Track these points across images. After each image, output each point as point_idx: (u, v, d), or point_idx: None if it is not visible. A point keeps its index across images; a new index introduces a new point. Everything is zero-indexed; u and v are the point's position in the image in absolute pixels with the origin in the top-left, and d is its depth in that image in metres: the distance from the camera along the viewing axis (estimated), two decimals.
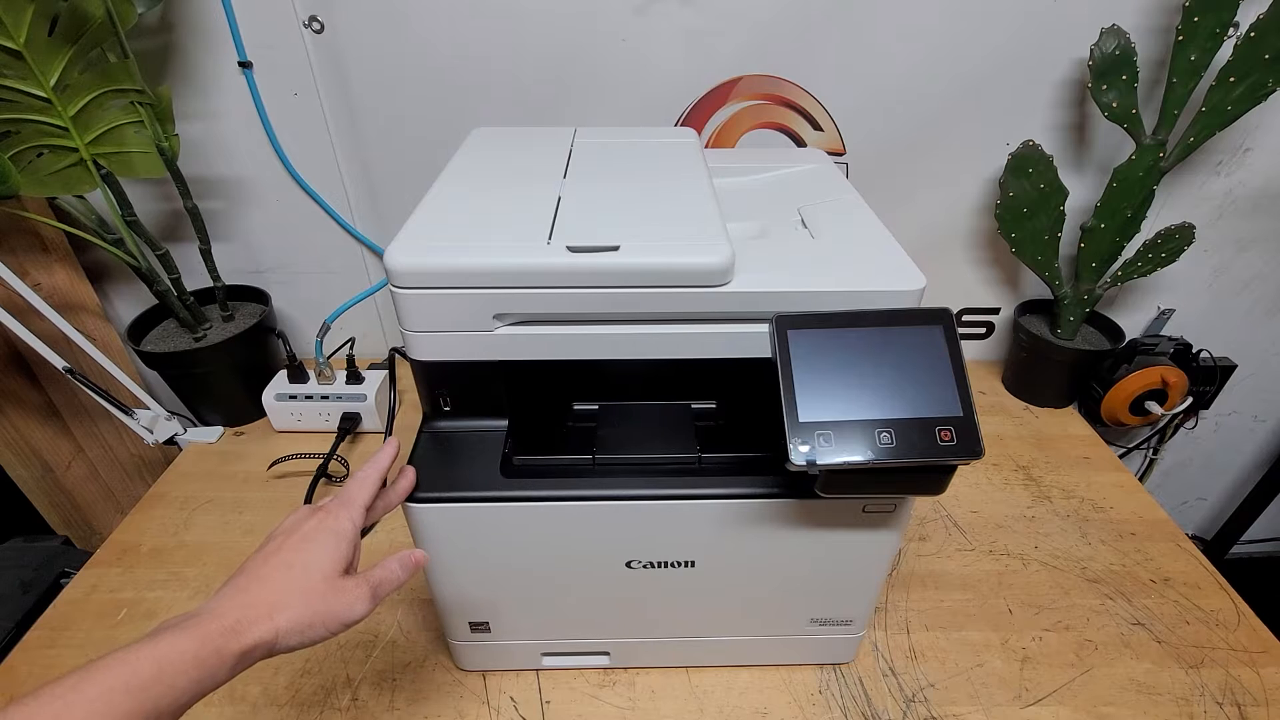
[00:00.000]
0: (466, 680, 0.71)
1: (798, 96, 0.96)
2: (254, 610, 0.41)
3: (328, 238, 1.07)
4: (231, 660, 0.39)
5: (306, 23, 0.88)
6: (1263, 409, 1.27)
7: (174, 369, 0.99)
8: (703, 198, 0.59)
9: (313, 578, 0.43)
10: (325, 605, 0.43)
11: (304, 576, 0.43)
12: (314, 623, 0.42)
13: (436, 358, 0.55)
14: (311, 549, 0.45)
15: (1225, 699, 0.70)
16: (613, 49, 0.91)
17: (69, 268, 1.01)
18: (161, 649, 0.37)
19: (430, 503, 0.56)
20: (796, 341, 0.49)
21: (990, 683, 0.71)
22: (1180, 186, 1.02)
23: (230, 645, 0.39)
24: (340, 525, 0.46)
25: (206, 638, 0.38)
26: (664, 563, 0.61)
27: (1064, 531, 0.89)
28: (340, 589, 0.44)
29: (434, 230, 0.54)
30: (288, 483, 0.95)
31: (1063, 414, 1.10)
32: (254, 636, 0.40)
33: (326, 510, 0.47)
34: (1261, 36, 0.80)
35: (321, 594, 0.43)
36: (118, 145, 0.86)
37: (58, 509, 1.09)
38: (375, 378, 1.04)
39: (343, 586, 0.44)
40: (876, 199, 0.67)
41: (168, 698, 0.36)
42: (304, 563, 0.44)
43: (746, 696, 0.70)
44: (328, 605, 0.43)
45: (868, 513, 0.57)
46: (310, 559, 0.44)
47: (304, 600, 0.42)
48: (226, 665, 0.39)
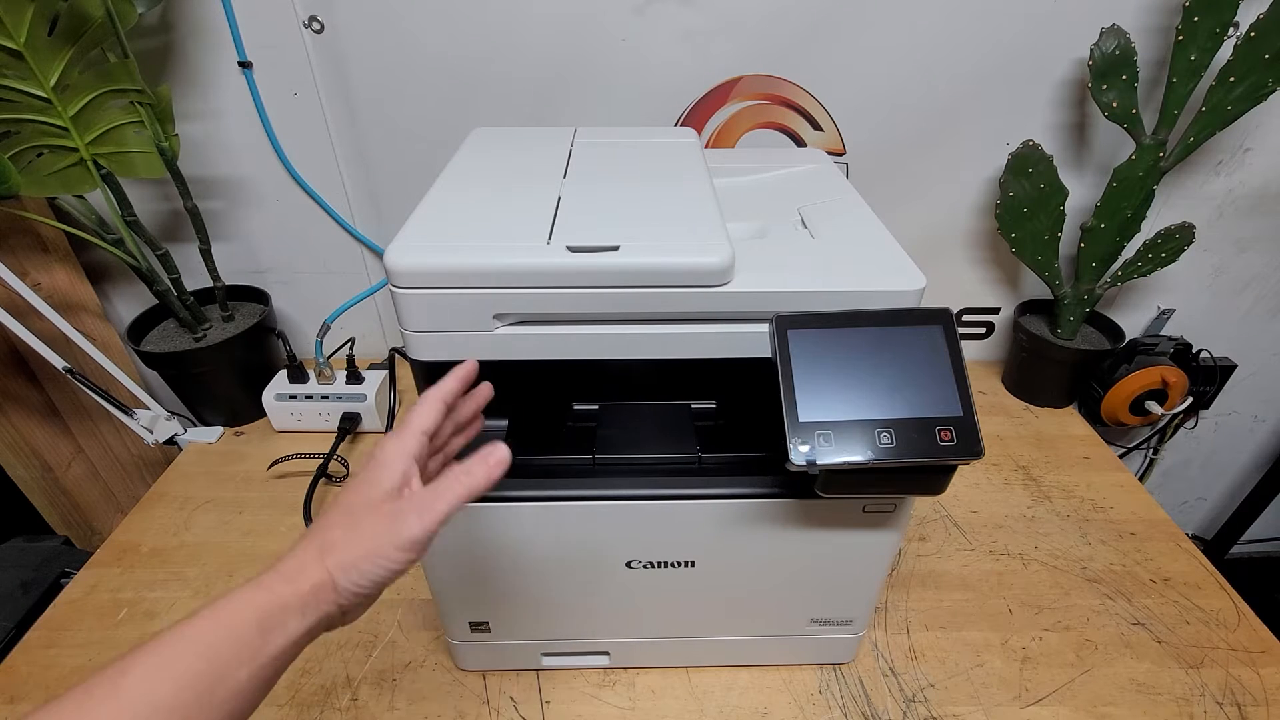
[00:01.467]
0: (466, 680, 0.71)
1: (798, 96, 0.96)
2: (306, 554, 0.39)
3: (328, 238, 1.07)
4: (297, 605, 0.37)
5: (306, 23, 0.88)
6: (1263, 409, 1.27)
7: (174, 369, 0.99)
8: (703, 198, 0.59)
9: (356, 511, 0.40)
10: (372, 534, 0.39)
11: (349, 513, 0.40)
12: (366, 554, 0.39)
13: (436, 358, 0.55)
14: (357, 485, 0.42)
15: (1225, 699, 0.70)
16: (613, 49, 0.91)
17: (69, 268, 1.01)
18: (223, 607, 0.37)
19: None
20: (796, 341, 0.49)
21: (990, 683, 0.71)
22: (1180, 186, 1.02)
23: (287, 590, 0.37)
24: (385, 454, 0.42)
25: (265, 587, 0.37)
26: (664, 563, 0.61)
27: (1064, 531, 0.89)
28: (384, 512, 0.40)
29: (434, 230, 0.54)
30: (288, 483, 0.95)
31: (1063, 414, 1.10)
32: (310, 579, 0.38)
33: (380, 440, 0.44)
34: (1261, 36, 0.80)
35: (365, 523, 0.40)
36: (118, 145, 0.86)
37: (58, 509, 1.09)
38: (375, 378, 1.04)
39: (387, 509, 0.40)
40: (876, 199, 0.67)
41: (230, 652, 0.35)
42: (348, 500, 0.41)
43: (746, 696, 0.70)
44: (375, 533, 0.39)
45: (868, 513, 0.57)
46: (356, 495, 0.41)
47: (350, 532, 0.39)
48: (293, 611, 0.37)
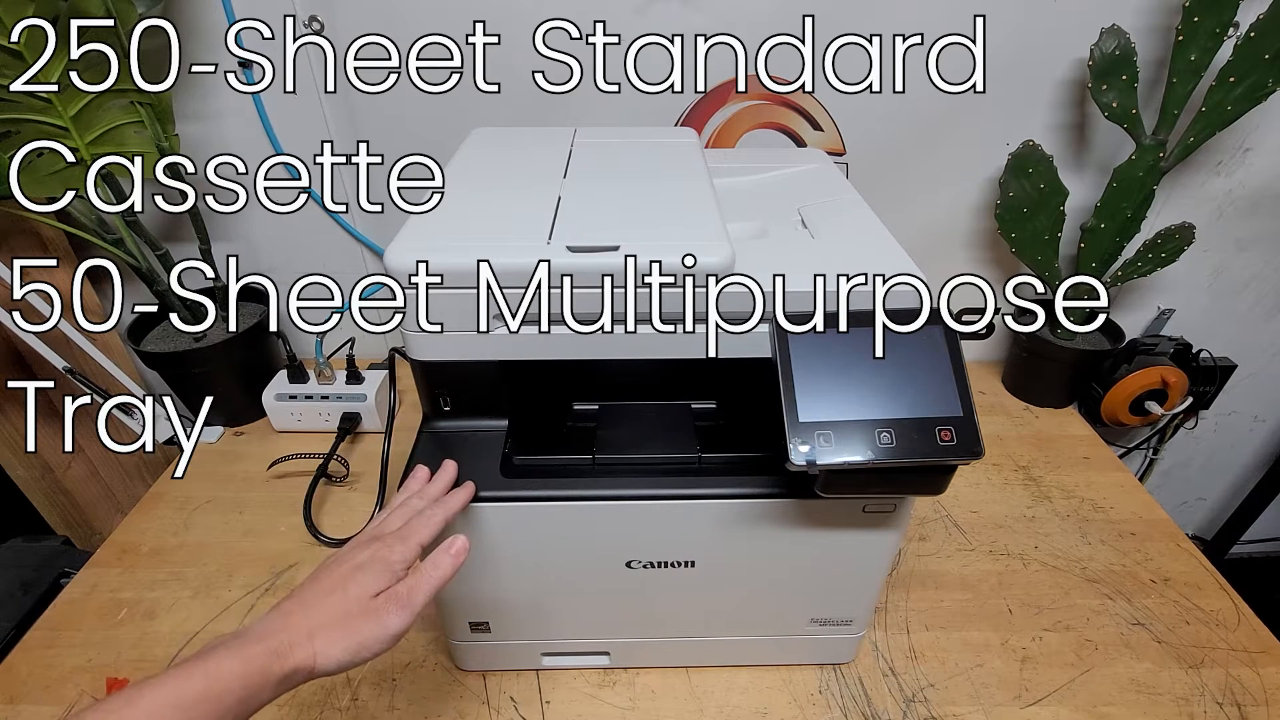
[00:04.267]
0: (466, 680, 0.71)
1: (797, 96, 0.96)
2: (295, 633, 0.43)
3: (328, 238, 1.07)
4: (275, 681, 0.41)
5: (306, 22, 0.88)
6: (1263, 409, 1.27)
7: (174, 369, 0.99)
8: (703, 197, 0.59)
9: (349, 602, 0.45)
10: (361, 626, 0.44)
11: (343, 601, 0.45)
12: (351, 645, 0.44)
13: (436, 358, 0.55)
14: (358, 576, 0.46)
15: (1225, 699, 0.70)
16: (613, 49, 0.91)
17: (69, 268, 1.01)
18: (210, 667, 0.39)
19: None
20: (796, 341, 0.49)
21: (990, 683, 0.71)
22: (1180, 186, 1.02)
23: (273, 667, 0.41)
24: (391, 557, 0.47)
25: (252, 659, 0.40)
26: (664, 563, 0.61)
27: (1064, 531, 0.89)
28: (372, 608, 0.45)
29: (434, 230, 0.54)
30: (287, 483, 0.95)
31: (1063, 414, 1.10)
32: (295, 660, 0.42)
33: (383, 542, 0.48)
34: (1261, 36, 0.80)
35: (355, 616, 0.44)
36: (118, 145, 0.86)
37: (58, 509, 1.09)
38: (375, 378, 1.04)
39: (375, 606, 0.45)
40: (876, 199, 0.67)
41: (213, 715, 0.38)
42: (344, 589, 0.45)
43: (746, 696, 0.70)
44: (362, 626, 0.44)
45: (868, 513, 0.57)
46: (352, 586, 0.45)
47: (340, 623, 0.44)
48: (270, 686, 0.41)
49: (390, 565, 0.47)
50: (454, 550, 0.49)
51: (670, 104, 0.97)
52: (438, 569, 0.48)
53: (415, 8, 0.88)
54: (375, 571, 0.46)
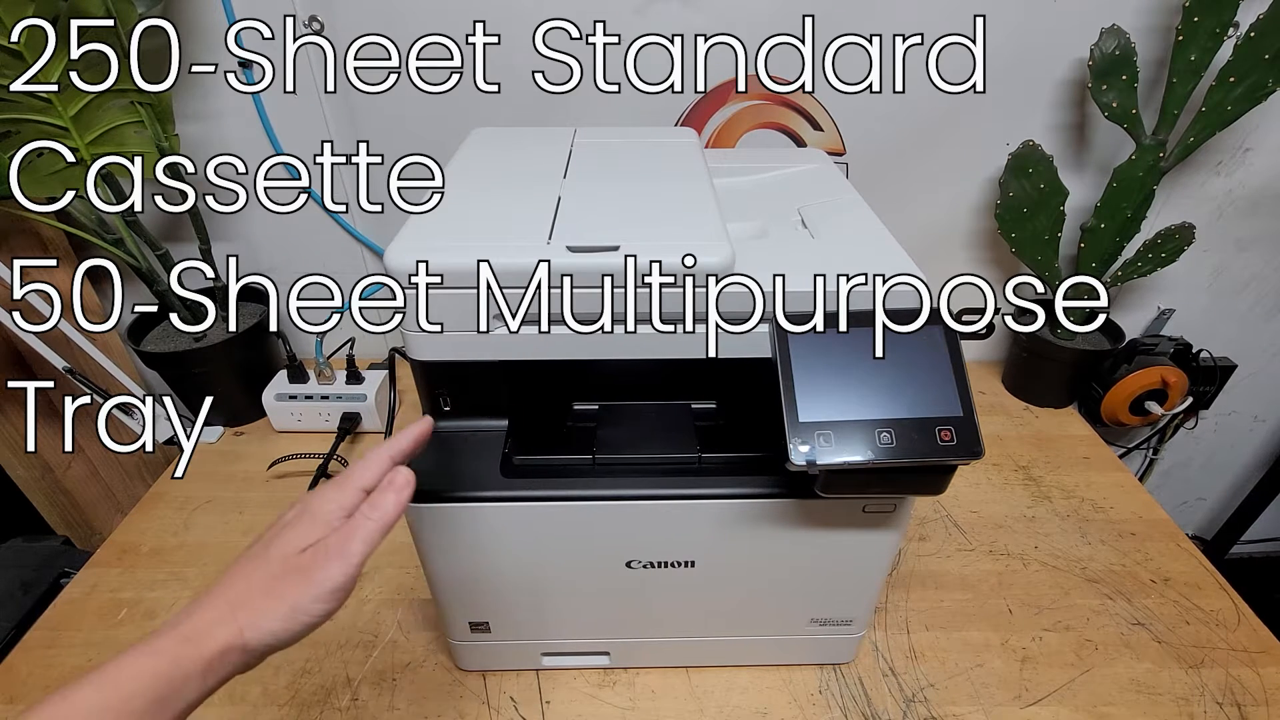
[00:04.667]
0: (466, 680, 0.71)
1: (797, 96, 0.96)
2: (214, 612, 0.37)
3: (328, 238, 1.07)
4: (199, 671, 0.36)
5: (307, 22, 0.88)
6: (1263, 409, 1.27)
7: (174, 369, 0.99)
8: (703, 197, 0.59)
9: (272, 564, 0.38)
10: (288, 588, 0.38)
11: (264, 565, 0.39)
12: (282, 610, 0.37)
13: (436, 358, 0.55)
14: (283, 534, 0.40)
15: (1225, 699, 0.70)
16: (613, 49, 0.91)
17: (69, 268, 1.01)
18: (110, 673, 0.34)
19: (430, 502, 0.56)
20: (796, 341, 0.49)
21: (990, 683, 0.71)
22: (1180, 186, 1.02)
23: (188, 654, 0.35)
24: (323, 506, 0.41)
25: (161, 652, 0.36)
26: (664, 563, 0.61)
27: (1064, 531, 0.89)
28: (298, 565, 0.38)
29: (434, 230, 0.53)
30: (287, 483, 0.95)
31: (1063, 414, 1.10)
32: (218, 641, 0.36)
33: (314, 491, 0.43)
34: (1261, 36, 0.80)
35: (280, 578, 0.38)
36: (118, 145, 0.86)
37: (58, 509, 1.09)
38: (375, 378, 1.04)
39: (300, 563, 0.38)
40: (876, 199, 0.67)
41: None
42: (265, 552, 0.39)
43: (746, 696, 0.70)
44: (290, 588, 0.38)
45: (868, 513, 0.57)
46: (274, 546, 0.39)
47: (266, 589, 0.38)
48: (195, 677, 0.35)
49: (319, 515, 0.40)
50: (398, 484, 0.41)
51: (670, 104, 0.97)
52: (376, 509, 0.40)
53: (415, 8, 0.88)
54: (301, 526, 0.40)
